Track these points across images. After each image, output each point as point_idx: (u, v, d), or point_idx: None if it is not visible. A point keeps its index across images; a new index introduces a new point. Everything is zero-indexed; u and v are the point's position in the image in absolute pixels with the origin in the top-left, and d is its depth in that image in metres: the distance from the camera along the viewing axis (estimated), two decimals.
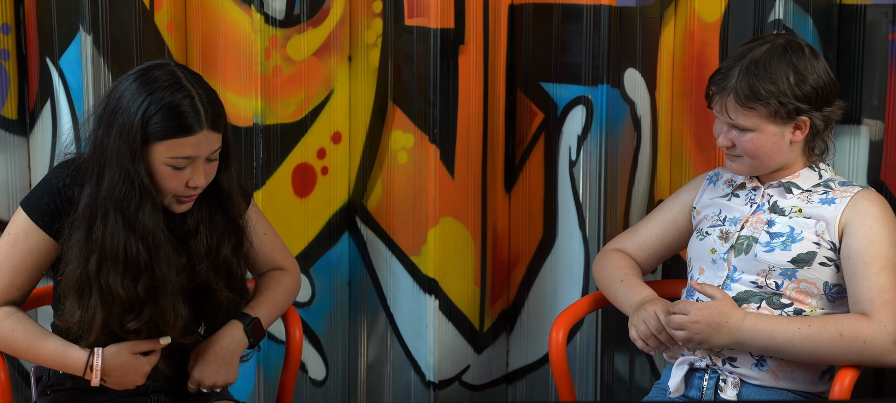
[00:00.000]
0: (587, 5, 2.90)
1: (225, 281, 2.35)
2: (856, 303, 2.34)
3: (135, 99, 2.17)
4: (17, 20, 2.91)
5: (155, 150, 2.19)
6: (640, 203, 3.00)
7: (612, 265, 2.64)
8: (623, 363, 3.08)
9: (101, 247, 2.20)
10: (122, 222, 2.20)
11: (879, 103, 2.76)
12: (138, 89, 2.18)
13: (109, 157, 2.19)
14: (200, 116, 2.18)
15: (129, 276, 2.21)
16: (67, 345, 2.29)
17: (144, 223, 2.20)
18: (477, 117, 3.00)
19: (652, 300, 2.47)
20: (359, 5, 2.99)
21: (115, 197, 2.19)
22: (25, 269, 2.30)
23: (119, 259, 2.20)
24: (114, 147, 2.18)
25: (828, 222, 2.40)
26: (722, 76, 2.41)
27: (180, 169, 2.21)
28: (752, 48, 2.41)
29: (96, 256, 2.21)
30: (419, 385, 3.10)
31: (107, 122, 2.20)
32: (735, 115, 2.39)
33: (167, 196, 2.25)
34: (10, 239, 2.29)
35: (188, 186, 2.23)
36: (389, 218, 3.07)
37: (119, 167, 2.18)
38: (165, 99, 2.17)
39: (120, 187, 2.19)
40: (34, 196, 2.30)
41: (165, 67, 2.22)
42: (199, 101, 2.19)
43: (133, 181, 2.18)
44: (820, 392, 2.42)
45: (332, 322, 3.13)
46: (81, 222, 2.22)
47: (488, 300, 3.12)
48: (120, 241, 2.19)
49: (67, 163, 2.31)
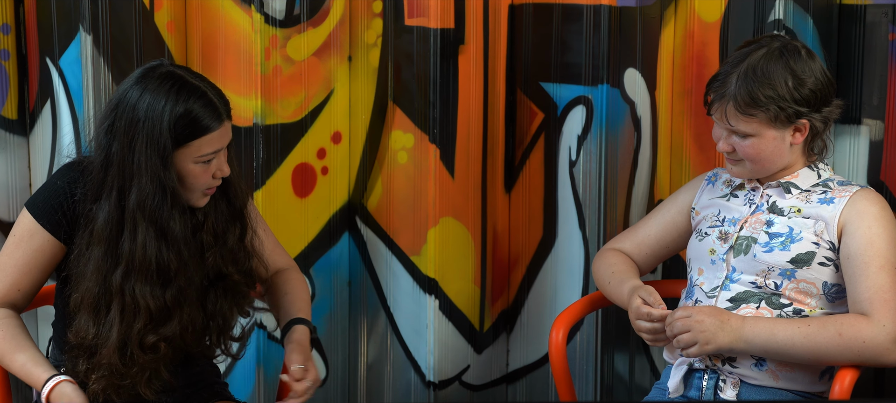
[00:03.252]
0: (587, 5, 2.90)
1: (234, 266, 2.37)
2: (855, 303, 2.34)
3: (154, 107, 2.18)
4: (17, 20, 2.91)
5: (183, 154, 2.21)
6: (640, 203, 3.00)
7: (604, 264, 2.64)
8: (623, 363, 3.08)
9: (130, 260, 2.20)
10: (154, 232, 2.20)
11: (879, 103, 2.76)
12: (154, 97, 2.18)
13: (137, 170, 2.19)
14: (219, 110, 2.23)
15: (158, 285, 2.21)
16: (36, 363, 2.27)
17: (175, 230, 2.22)
18: (477, 117, 3.00)
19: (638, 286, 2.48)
20: (359, 5, 2.99)
21: (147, 207, 2.19)
22: (30, 271, 2.29)
23: (151, 269, 2.20)
24: (140, 159, 2.18)
25: (827, 222, 2.40)
26: (720, 83, 2.41)
27: (208, 162, 2.24)
28: (748, 53, 2.41)
29: (122, 269, 2.20)
30: (419, 385, 3.10)
31: (125, 135, 2.19)
32: (735, 122, 2.39)
33: (196, 193, 2.27)
34: (15, 240, 2.29)
35: (214, 178, 2.27)
36: (389, 218, 3.07)
37: (150, 177, 2.18)
38: (187, 102, 2.19)
39: (152, 197, 2.19)
40: (39, 197, 2.30)
41: (162, 69, 2.23)
42: (212, 95, 2.23)
43: (165, 189, 2.19)
44: (820, 392, 2.42)
45: (332, 322, 3.13)
46: (101, 238, 2.21)
47: (488, 300, 3.12)
48: (152, 251, 2.20)
49: (72, 166, 2.30)
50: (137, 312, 2.21)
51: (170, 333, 2.24)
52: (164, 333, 2.23)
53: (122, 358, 2.23)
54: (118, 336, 2.21)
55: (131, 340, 2.22)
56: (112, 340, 2.21)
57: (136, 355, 2.23)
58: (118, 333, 2.21)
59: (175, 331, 2.24)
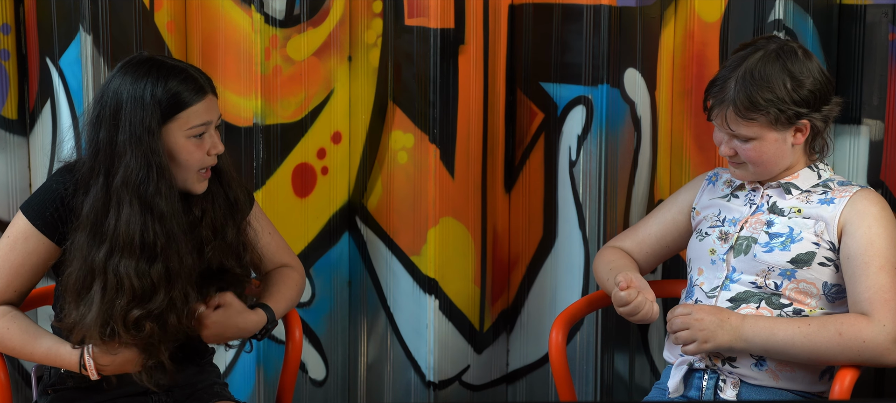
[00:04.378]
0: (587, 5, 2.90)
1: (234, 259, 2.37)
2: (855, 303, 2.34)
3: (136, 87, 2.21)
4: (17, 20, 2.91)
5: (172, 129, 2.23)
6: (640, 203, 3.00)
7: (605, 261, 2.64)
8: (623, 363, 3.08)
9: (114, 238, 2.21)
10: (138, 206, 2.20)
11: (879, 103, 2.76)
12: (135, 78, 2.22)
13: (121, 149, 2.20)
14: (200, 83, 2.27)
15: (144, 261, 2.21)
16: (61, 344, 2.29)
17: (161, 206, 2.22)
18: (477, 117, 3.00)
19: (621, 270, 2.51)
20: (359, 5, 2.99)
21: (132, 182, 2.20)
22: (23, 272, 2.30)
23: (134, 245, 2.20)
24: (125, 136, 2.20)
25: (827, 222, 2.40)
26: (719, 88, 2.41)
27: (201, 136, 2.26)
28: (745, 57, 2.40)
29: (105, 248, 2.21)
30: (419, 385, 3.10)
31: (111, 120, 2.22)
32: (736, 127, 2.39)
33: (192, 173, 2.28)
34: (10, 241, 2.30)
35: (209, 155, 2.29)
36: (389, 218, 3.07)
37: (134, 152, 2.20)
38: (167, 79, 2.22)
39: (137, 172, 2.20)
40: (34, 200, 2.30)
41: (140, 57, 2.27)
42: (192, 72, 2.27)
43: (151, 163, 2.20)
44: (820, 392, 2.42)
45: (332, 322, 3.13)
46: (86, 223, 2.22)
47: (488, 300, 3.12)
48: (136, 227, 2.20)
49: (67, 169, 2.31)
50: (121, 289, 2.21)
51: (155, 308, 2.22)
52: (149, 308, 2.22)
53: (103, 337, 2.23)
54: (98, 314, 2.21)
55: (115, 318, 2.21)
56: (91, 316, 2.21)
57: (119, 333, 2.22)
58: (98, 311, 2.21)
59: (161, 306, 2.23)
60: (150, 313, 2.22)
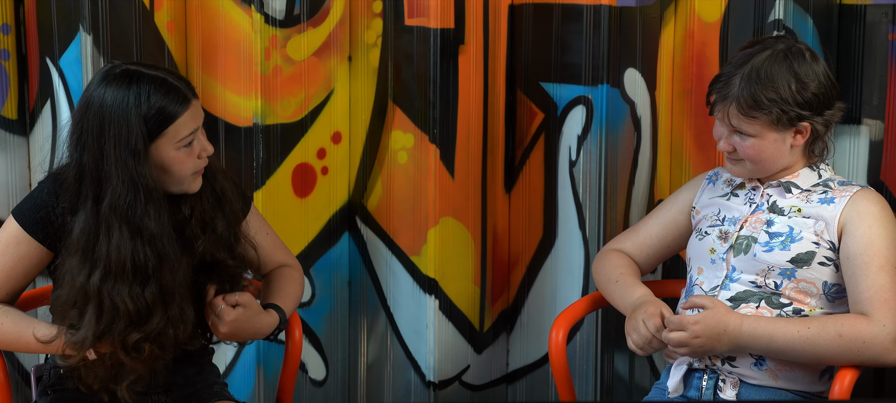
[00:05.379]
0: (587, 5, 2.90)
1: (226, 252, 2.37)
2: (855, 303, 2.34)
3: (119, 108, 2.18)
4: (17, 20, 2.91)
5: (161, 145, 2.22)
6: (640, 203, 3.00)
7: (610, 265, 2.64)
8: (623, 363, 3.08)
9: (106, 263, 2.20)
10: (127, 232, 2.20)
11: (879, 103, 2.76)
12: (116, 98, 2.19)
13: (107, 174, 2.19)
14: (183, 92, 2.24)
15: (137, 284, 2.21)
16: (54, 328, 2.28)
17: (150, 227, 2.21)
18: (477, 117, 3.00)
19: (648, 302, 2.46)
20: (359, 5, 2.99)
21: (119, 208, 2.19)
22: (15, 276, 2.31)
23: (126, 269, 2.20)
24: (112, 162, 2.19)
25: (827, 222, 2.40)
26: (723, 84, 2.41)
27: (190, 145, 2.25)
28: (752, 54, 2.40)
29: (98, 273, 2.20)
30: (419, 385, 3.10)
31: (95, 142, 2.20)
32: (737, 123, 2.39)
33: (186, 178, 2.27)
34: (1, 245, 2.31)
35: (200, 158, 2.28)
36: (389, 218, 3.07)
37: (121, 177, 2.18)
38: (150, 94, 2.19)
39: (124, 197, 2.19)
40: (25, 206, 2.31)
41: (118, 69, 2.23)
42: (173, 81, 2.23)
43: (137, 187, 2.19)
44: (819, 392, 2.42)
45: (332, 322, 3.13)
46: (77, 248, 2.22)
47: (488, 300, 3.12)
48: (127, 251, 2.19)
49: (54, 178, 2.30)
50: (117, 314, 2.21)
51: (152, 330, 2.22)
52: (146, 330, 2.22)
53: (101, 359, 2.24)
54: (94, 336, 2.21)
55: (114, 342, 2.22)
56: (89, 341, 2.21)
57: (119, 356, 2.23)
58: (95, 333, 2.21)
59: (159, 327, 2.23)
60: (147, 335, 2.23)
